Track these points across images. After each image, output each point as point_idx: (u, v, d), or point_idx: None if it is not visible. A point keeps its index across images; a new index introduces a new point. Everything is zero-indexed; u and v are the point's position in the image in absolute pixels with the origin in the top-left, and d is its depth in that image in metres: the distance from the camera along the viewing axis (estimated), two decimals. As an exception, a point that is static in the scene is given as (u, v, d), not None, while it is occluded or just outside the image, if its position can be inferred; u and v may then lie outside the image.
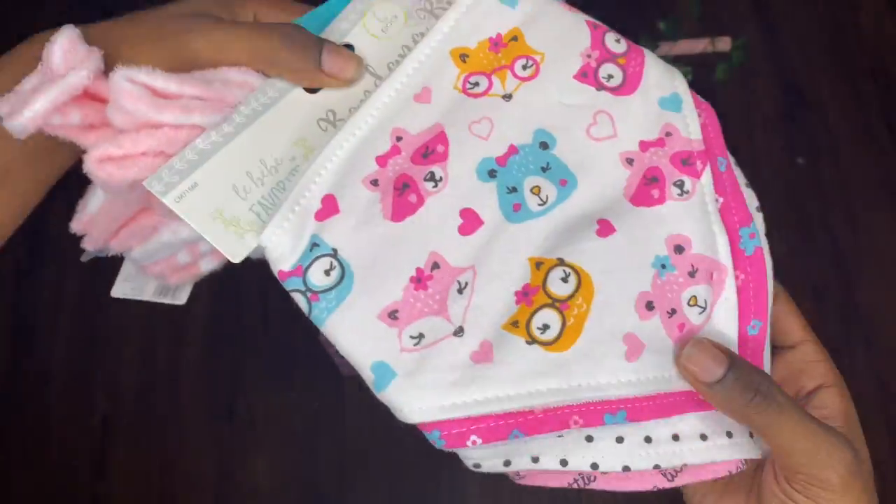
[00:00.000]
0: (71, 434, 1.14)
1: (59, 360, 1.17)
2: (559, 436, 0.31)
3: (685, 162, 0.34)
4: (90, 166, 0.30)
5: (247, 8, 0.35)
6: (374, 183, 0.32)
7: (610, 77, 0.35)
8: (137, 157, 0.30)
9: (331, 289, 0.31)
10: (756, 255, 0.34)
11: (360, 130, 0.32)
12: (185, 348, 1.17)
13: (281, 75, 0.33)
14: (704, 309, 0.32)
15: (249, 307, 1.17)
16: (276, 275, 0.32)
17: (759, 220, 0.35)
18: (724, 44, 0.88)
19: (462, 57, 0.34)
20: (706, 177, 0.34)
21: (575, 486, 0.32)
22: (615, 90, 0.35)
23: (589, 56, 0.34)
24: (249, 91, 0.32)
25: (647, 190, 0.33)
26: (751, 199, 0.36)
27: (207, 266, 0.36)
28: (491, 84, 0.34)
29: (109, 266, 0.38)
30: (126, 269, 0.39)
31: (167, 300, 0.38)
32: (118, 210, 0.33)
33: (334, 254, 0.32)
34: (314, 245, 0.32)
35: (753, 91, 1.36)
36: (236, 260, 0.32)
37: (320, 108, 0.33)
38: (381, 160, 0.33)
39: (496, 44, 0.34)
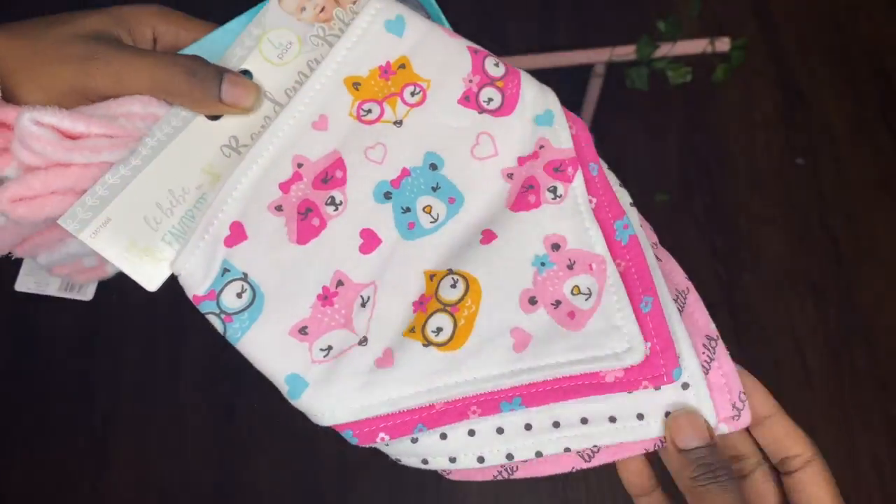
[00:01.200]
0: (71, 434, 1.14)
1: (59, 359, 1.17)
2: (472, 434, 0.34)
3: (557, 169, 0.36)
4: (2, 207, 0.30)
5: (144, 25, 0.36)
6: (279, 208, 0.35)
7: (490, 100, 0.37)
8: (48, 197, 0.30)
9: (243, 310, 0.34)
10: (632, 243, 0.36)
11: (262, 158, 0.34)
12: (185, 348, 1.17)
13: (182, 105, 0.34)
14: (590, 295, 0.35)
15: (249, 307, 1.17)
16: (191, 299, 0.34)
17: (632, 214, 0.37)
18: (723, 44, 0.88)
19: (355, 85, 0.36)
20: (577, 180, 0.36)
21: (500, 477, 0.36)
22: (495, 112, 0.37)
23: (471, 81, 0.37)
24: (154, 122, 0.34)
25: (525, 197, 0.36)
26: (624, 197, 0.38)
27: (114, 268, 0.37)
28: (383, 111, 0.36)
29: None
30: (29, 263, 0.39)
31: (72, 296, 0.39)
32: (25, 228, 0.34)
33: (245, 277, 0.34)
34: (225, 270, 0.34)
35: (753, 91, 1.36)
36: (152, 288, 0.34)
37: (223, 135, 0.35)
38: (284, 186, 0.35)
39: (386, 71, 0.36)
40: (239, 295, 0.34)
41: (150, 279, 0.34)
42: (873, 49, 1.39)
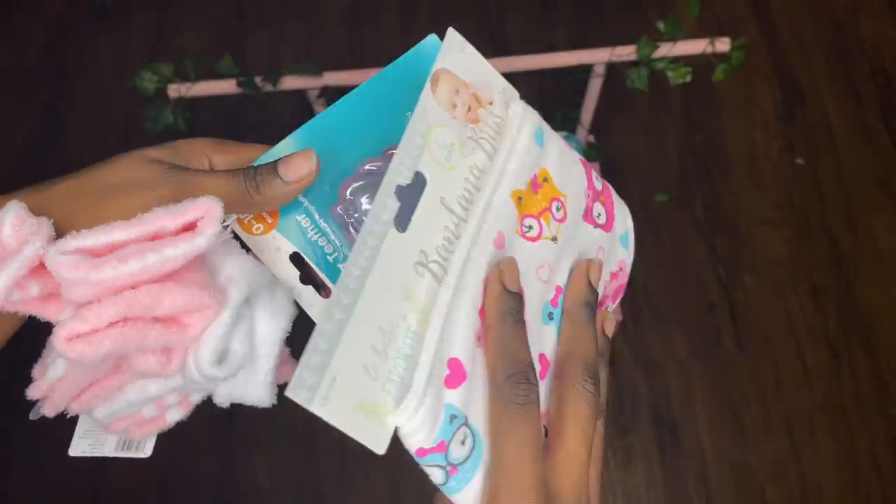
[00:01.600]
0: (71, 433, 1.14)
1: (59, 360, 1.17)
2: None
3: (612, 297, 0.39)
4: (60, 347, 0.28)
5: (201, 156, 0.36)
6: (479, 339, 0.32)
7: (599, 215, 0.38)
8: (106, 330, 0.29)
9: (466, 459, 0.31)
10: None
11: (464, 286, 0.32)
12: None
13: (259, 208, 0.34)
14: None
15: (249, 307, 1.18)
16: (414, 453, 0.30)
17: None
18: (723, 44, 0.88)
19: (519, 199, 0.34)
20: (610, 306, 0.39)
21: None
22: (603, 227, 0.38)
23: (588, 196, 0.37)
24: (174, 210, 0.30)
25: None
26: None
27: (174, 417, 0.36)
28: (541, 228, 0.35)
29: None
30: (84, 424, 0.37)
31: (130, 454, 0.37)
32: (82, 376, 0.32)
33: (466, 421, 0.31)
34: (453, 416, 0.30)
35: (753, 91, 1.36)
36: (381, 451, 0.29)
37: (413, 250, 0.31)
38: (481, 312, 0.32)
39: (535, 185, 0.35)
40: (462, 442, 0.30)
41: (379, 440, 0.29)
42: (873, 49, 1.39)
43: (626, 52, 0.88)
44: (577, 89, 1.07)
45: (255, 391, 0.35)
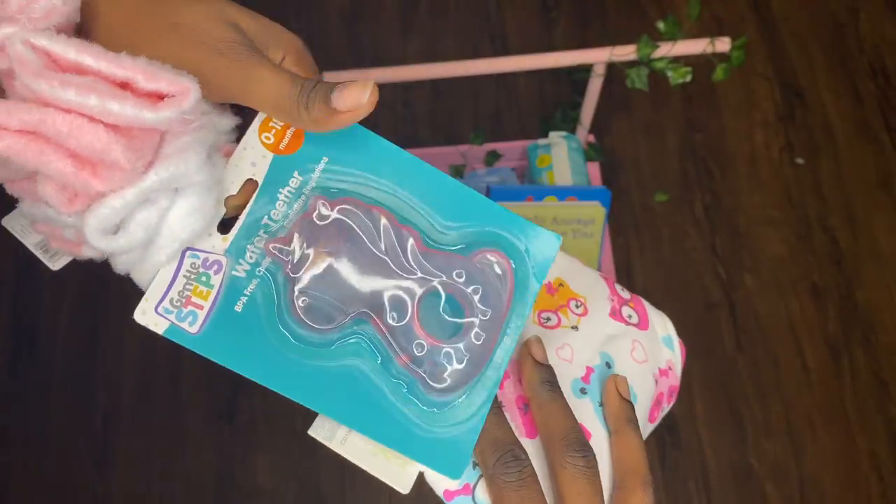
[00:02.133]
0: (71, 433, 1.14)
1: (59, 359, 1.17)
2: None
3: (667, 397, 0.43)
4: None
5: (279, 49, 0.33)
6: (500, 406, 0.36)
7: (630, 316, 0.42)
8: (11, 133, 0.27)
9: None
10: None
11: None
12: (186, 348, 1.17)
13: (304, 126, 0.32)
14: None
15: (249, 307, 1.17)
16: (441, 495, 0.34)
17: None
18: (723, 44, 0.88)
19: None
20: (666, 409, 0.43)
21: None
22: (637, 326, 0.42)
23: (612, 300, 0.42)
24: (152, 70, 0.28)
25: (654, 412, 0.42)
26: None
27: (89, 253, 0.34)
28: (559, 319, 0.40)
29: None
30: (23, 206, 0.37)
31: (44, 257, 0.36)
32: (3, 172, 0.31)
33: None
34: (475, 464, 0.34)
35: (753, 91, 1.36)
36: (404, 491, 0.33)
37: None
38: (500, 385, 0.35)
39: (550, 289, 0.41)
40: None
41: (401, 482, 0.34)
42: (873, 49, 1.39)
43: (626, 52, 0.88)
44: (577, 89, 1.07)
45: (141, 275, 0.33)
